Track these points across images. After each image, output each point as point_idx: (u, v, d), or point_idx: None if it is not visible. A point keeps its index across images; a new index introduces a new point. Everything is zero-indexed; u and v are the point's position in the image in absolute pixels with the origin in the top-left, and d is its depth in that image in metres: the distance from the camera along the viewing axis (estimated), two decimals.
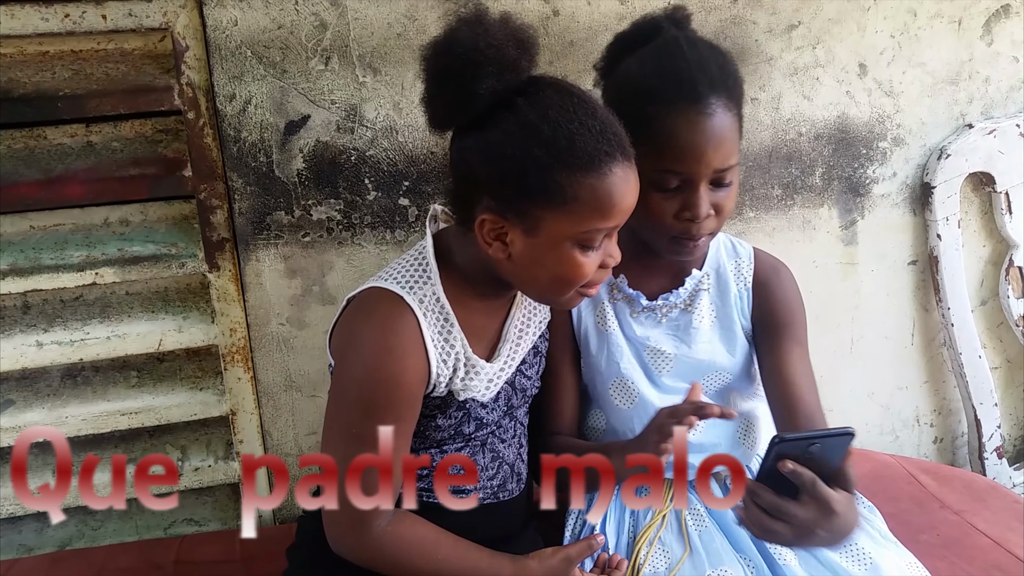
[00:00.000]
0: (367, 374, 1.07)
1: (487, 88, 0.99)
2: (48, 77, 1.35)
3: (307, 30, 1.39)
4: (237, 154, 1.42)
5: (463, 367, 1.13)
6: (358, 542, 1.11)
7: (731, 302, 1.31)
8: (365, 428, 1.05)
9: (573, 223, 1.02)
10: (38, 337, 1.45)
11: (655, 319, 1.32)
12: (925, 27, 1.67)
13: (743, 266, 1.33)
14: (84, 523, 1.57)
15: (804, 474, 0.98)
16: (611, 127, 1.03)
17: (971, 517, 1.50)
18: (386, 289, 1.09)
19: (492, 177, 1.03)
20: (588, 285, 1.10)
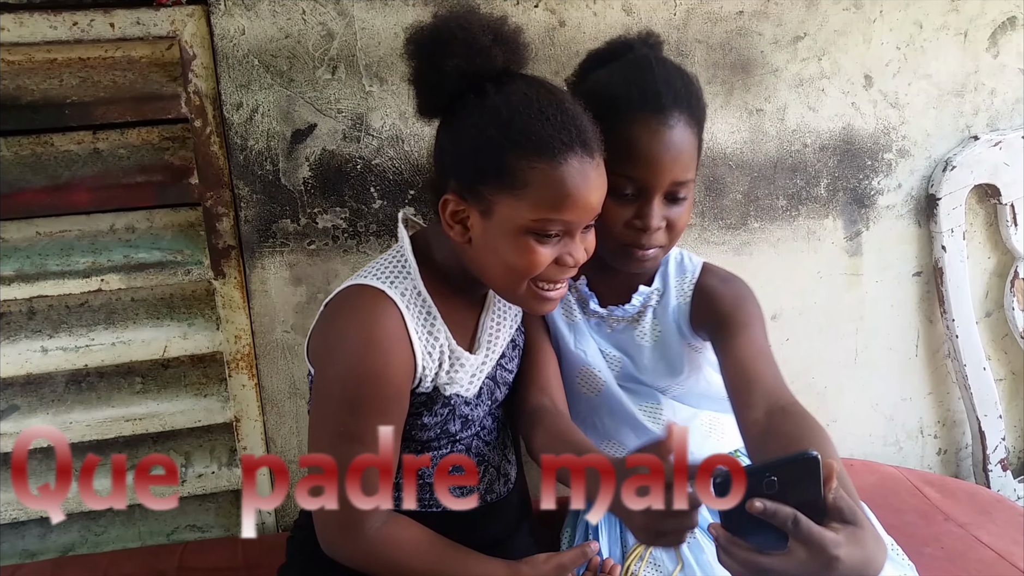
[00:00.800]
0: (352, 370, 1.06)
1: (455, 68, 1.03)
2: (56, 84, 1.36)
3: (314, 39, 1.39)
4: (243, 162, 1.42)
5: (447, 359, 1.14)
6: (351, 544, 1.10)
7: (670, 318, 1.32)
8: (354, 425, 1.05)
9: (524, 209, 1.03)
10: (43, 343, 1.46)
11: (603, 327, 1.35)
12: (931, 39, 1.67)
13: (686, 280, 1.33)
14: (87, 529, 1.57)
15: (780, 512, 0.80)
16: (577, 122, 1.03)
17: (975, 530, 1.50)
18: (366, 285, 1.10)
19: (454, 160, 1.07)
20: (543, 280, 1.09)
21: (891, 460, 1.86)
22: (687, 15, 1.53)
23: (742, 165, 1.63)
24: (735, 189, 1.64)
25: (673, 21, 1.52)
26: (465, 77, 1.03)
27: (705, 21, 1.54)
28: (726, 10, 1.55)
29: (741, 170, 1.64)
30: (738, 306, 1.26)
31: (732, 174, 1.63)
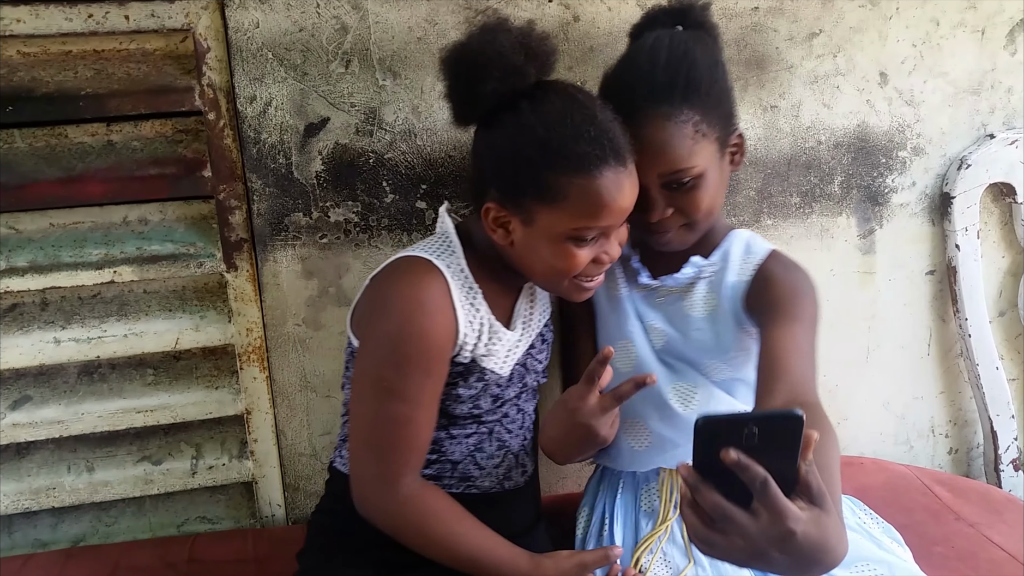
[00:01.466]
0: (399, 328, 1.12)
1: (490, 91, 1.09)
2: (70, 76, 1.36)
3: (328, 33, 1.39)
4: (256, 155, 1.42)
5: (487, 332, 1.20)
6: (384, 500, 1.15)
7: (724, 292, 1.29)
8: (397, 382, 1.12)
9: (564, 220, 1.10)
10: (56, 334, 1.46)
11: (652, 300, 1.35)
12: (948, 36, 1.65)
13: (751, 261, 1.30)
14: (98, 520, 1.58)
15: (752, 469, 0.76)
16: (608, 133, 1.09)
17: (986, 530, 1.49)
18: (415, 256, 1.17)
19: (494, 171, 1.14)
20: (583, 277, 1.17)
21: (902, 459, 1.85)
22: None
23: (755, 162, 1.62)
24: (748, 186, 1.63)
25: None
26: (501, 96, 1.10)
27: (720, 16, 1.52)
28: (741, 6, 1.54)
29: (754, 167, 1.63)
30: (794, 298, 1.22)
31: (745, 171, 1.62)
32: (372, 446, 1.14)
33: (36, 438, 1.48)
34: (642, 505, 1.32)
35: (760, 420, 0.78)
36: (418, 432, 1.15)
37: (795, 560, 0.78)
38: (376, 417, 1.13)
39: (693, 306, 1.32)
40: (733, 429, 0.77)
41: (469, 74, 1.10)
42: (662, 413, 1.30)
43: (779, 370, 1.09)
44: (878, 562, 1.20)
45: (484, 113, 1.13)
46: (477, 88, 1.09)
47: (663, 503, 1.30)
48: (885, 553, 1.24)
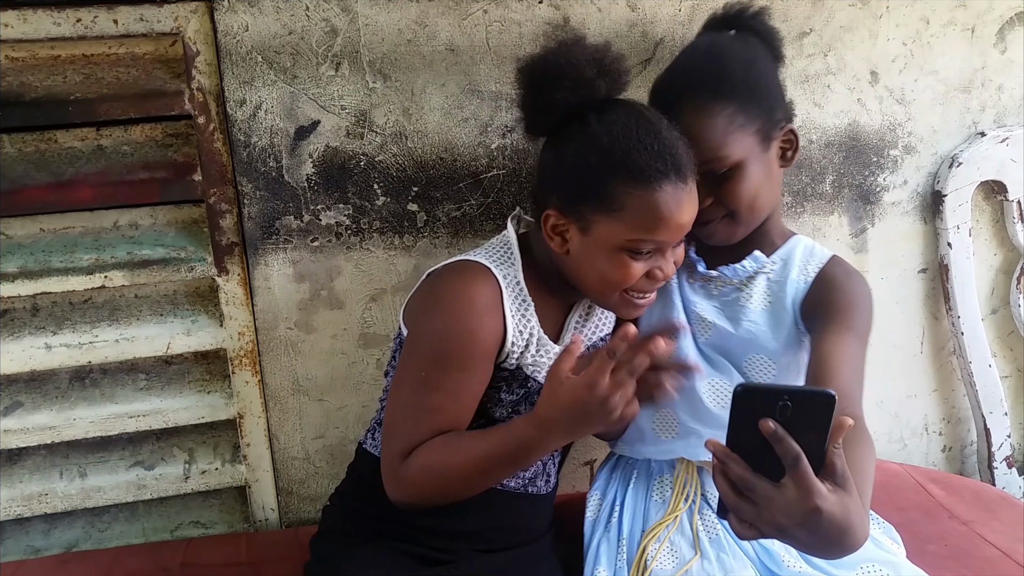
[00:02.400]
0: (446, 324, 1.15)
1: (562, 100, 1.14)
2: (59, 81, 1.35)
3: (318, 36, 1.39)
4: (247, 159, 1.42)
5: (535, 343, 1.22)
6: (398, 473, 1.15)
7: (787, 290, 1.31)
8: (435, 376, 1.14)
9: (621, 230, 1.12)
10: (47, 339, 1.46)
11: (707, 291, 1.36)
12: (938, 35, 1.66)
13: (813, 263, 1.32)
14: (91, 525, 1.57)
15: (786, 442, 0.81)
16: (671, 149, 1.12)
17: (980, 528, 1.49)
18: (474, 260, 1.20)
19: (557, 178, 1.18)
20: (636, 291, 1.18)
21: (896, 457, 1.85)
22: (692, 11, 1.52)
23: None
24: None
25: (678, 17, 1.51)
26: (570, 107, 1.14)
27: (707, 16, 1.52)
28: None
29: None
30: (851, 307, 1.24)
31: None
32: (400, 431, 1.16)
33: (28, 444, 1.47)
34: (654, 495, 1.33)
35: (794, 394, 0.82)
36: (448, 423, 1.16)
37: (818, 537, 0.82)
38: (410, 406, 1.16)
39: (751, 298, 1.32)
40: (769, 400, 0.82)
41: (542, 84, 1.15)
42: (693, 406, 1.32)
43: (826, 377, 1.12)
44: (883, 563, 1.20)
45: (554, 123, 1.17)
46: (549, 97, 1.14)
47: (675, 494, 1.31)
48: (887, 554, 1.24)
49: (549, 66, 1.15)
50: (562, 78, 1.13)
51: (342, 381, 1.55)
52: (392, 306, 1.53)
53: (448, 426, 1.15)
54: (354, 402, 1.57)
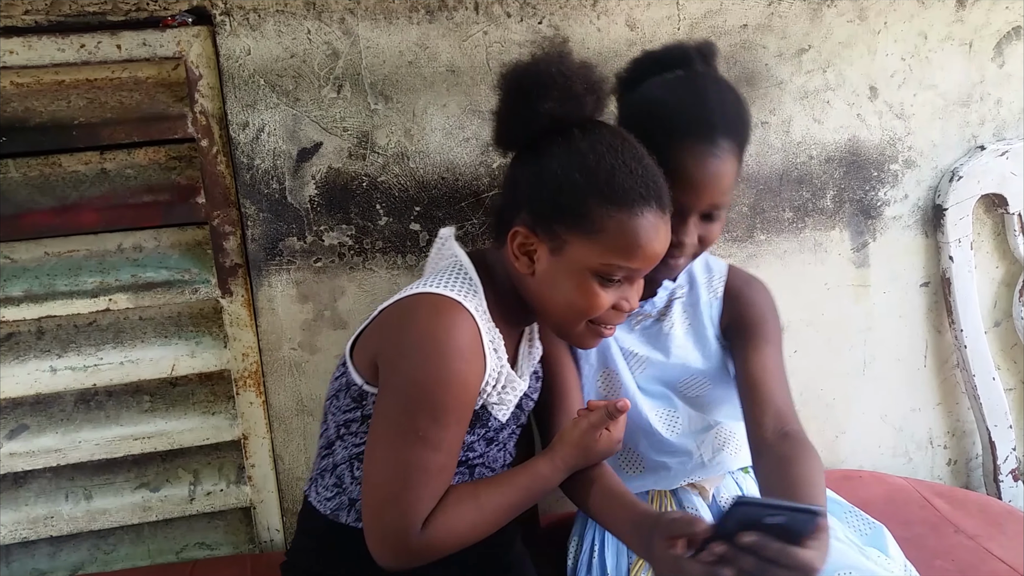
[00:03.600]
0: (436, 375, 1.05)
1: (548, 110, 1.07)
2: (63, 106, 1.36)
3: (319, 59, 1.40)
4: (250, 181, 1.42)
5: (503, 379, 1.15)
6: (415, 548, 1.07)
7: (702, 309, 1.36)
8: (432, 431, 1.05)
9: (595, 253, 1.07)
10: (52, 363, 1.46)
11: (628, 326, 1.36)
12: (936, 49, 1.66)
13: (715, 278, 1.38)
14: (96, 547, 1.57)
15: (770, 548, 0.89)
16: (654, 177, 1.08)
17: (986, 542, 1.49)
18: (442, 295, 1.09)
19: (532, 193, 1.10)
20: (600, 323, 1.13)
21: (900, 471, 1.85)
22: (691, 29, 1.53)
23: (748, 178, 1.63)
24: (741, 201, 1.64)
25: (677, 35, 1.52)
26: (555, 120, 1.08)
27: (708, 35, 1.54)
28: (730, 24, 1.55)
29: (747, 183, 1.63)
30: (766, 318, 1.33)
31: (738, 187, 1.63)
32: (399, 498, 1.06)
33: (33, 467, 1.48)
34: None
35: (790, 510, 0.89)
36: (445, 480, 1.09)
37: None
38: (406, 466, 1.05)
39: (672, 325, 1.36)
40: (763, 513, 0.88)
41: (530, 92, 1.07)
42: (651, 440, 1.35)
43: (765, 399, 1.23)
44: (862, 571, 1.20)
45: (533, 135, 1.10)
46: (535, 106, 1.07)
47: None
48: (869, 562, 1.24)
49: (540, 74, 1.08)
50: (551, 88, 1.06)
51: None
52: None
53: (447, 484, 1.10)
54: None
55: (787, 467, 1.14)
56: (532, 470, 1.17)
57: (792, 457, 1.16)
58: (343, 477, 1.18)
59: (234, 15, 1.35)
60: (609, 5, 1.49)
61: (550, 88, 1.06)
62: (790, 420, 1.22)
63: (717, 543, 0.90)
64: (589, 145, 1.07)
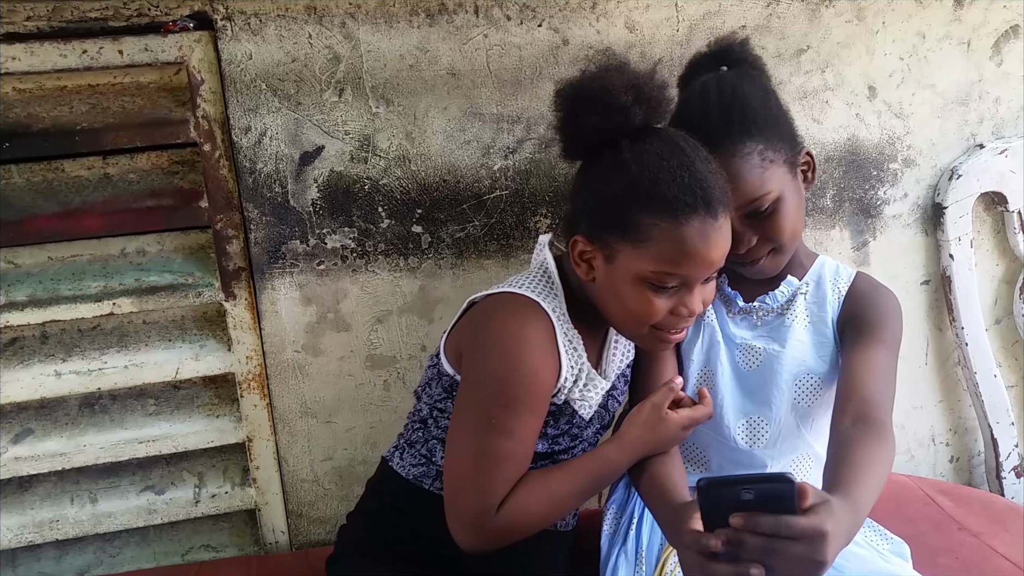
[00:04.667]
0: (509, 368, 1.12)
1: (593, 126, 1.10)
2: (66, 111, 1.37)
3: (321, 63, 1.40)
4: (252, 185, 1.43)
5: (584, 378, 1.21)
6: (489, 531, 1.13)
7: (825, 307, 1.33)
8: (505, 419, 1.12)
9: (643, 262, 1.10)
10: (56, 367, 1.47)
11: (751, 322, 1.35)
12: (934, 49, 1.67)
13: (841, 280, 1.36)
14: (102, 550, 1.58)
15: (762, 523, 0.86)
16: (703, 183, 1.08)
17: (990, 539, 1.49)
18: (522, 295, 1.16)
19: (584, 205, 1.16)
20: (663, 328, 1.16)
21: (903, 469, 1.85)
22: (690, 31, 1.54)
23: None
24: None
25: (676, 37, 1.53)
26: (603, 133, 1.11)
27: (708, 36, 1.54)
28: (728, 25, 1.56)
29: None
30: (885, 321, 1.29)
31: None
32: (475, 482, 1.12)
33: (39, 471, 1.48)
34: None
35: (757, 482, 0.88)
36: (520, 468, 1.15)
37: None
38: (481, 453, 1.12)
39: (795, 319, 1.33)
40: (732, 492, 0.87)
41: (575, 108, 1.12)
42: (724, 447, 1.32)
43: (857, 389, 1.16)
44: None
45: (586, 148, 1.15)
46: (581, 121, 1.11)
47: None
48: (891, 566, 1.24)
49: (583, 90, 1.12)
50: (595, 103, 1.09)
51: (350, 403, 1.56)
52: (398, 327, 1.55)
53: (521, 470, 1.15)
54: (362, 423, 1.58)
55: (846, 447, 1.08)
56: (599, 454, 1.21)
57: (857, 439, 1.09)
58: (434, 451, 1.25)
59: (235, 20, 1.36)
60: (608, 7, 1.49)
61: (593, 103, 1.10)
62: (877, 410, 1.14)
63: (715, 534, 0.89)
64: (635, 156, 1.09)
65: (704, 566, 0.91)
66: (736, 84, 1.25)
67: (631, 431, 1.20)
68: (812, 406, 1.31)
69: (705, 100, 1.24)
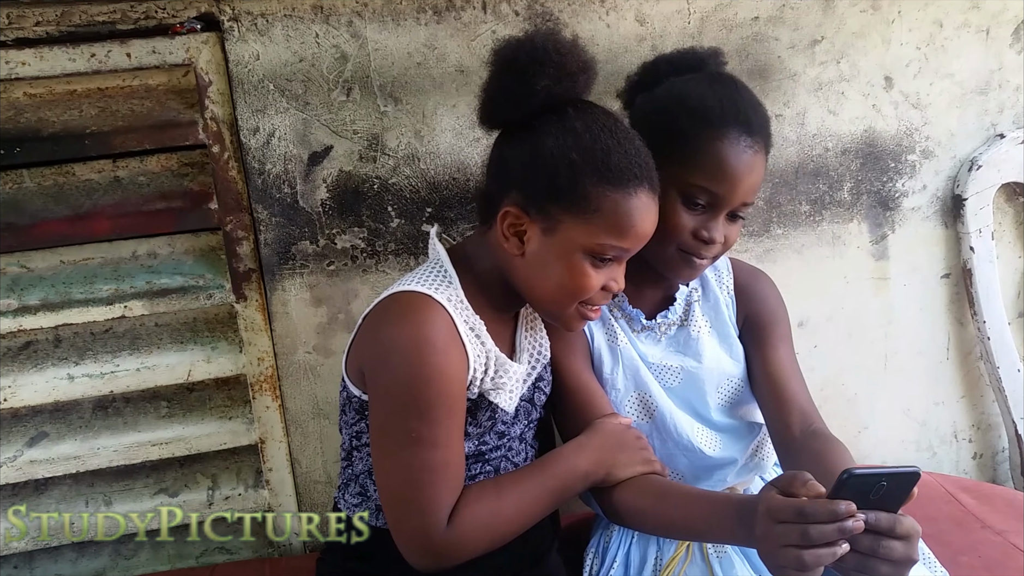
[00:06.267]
0: (414, 373, 1.05)
1: (544, 87, 1.05)
2: (76, 115, 1.37)
3: (328, 62, 1.40)
4: (262, 186, 1.43)
5: (493, 365, 1.14)
6: (442, 545, 1.07)
7: (721, 309, 1.35)
8: (424, 430, 1.05)
9: (589, 233, 1.06)
10: (69, 370, 1.47)
11: (654, 337, 1.34)
12: (952, 37, 1.64)
13: (723, 275, 1.38)
14: (118, 553, 1.58)
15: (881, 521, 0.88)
16: (645, 157, 1.08)
17: (1014, 537, 1.46)
18: (412, 291, 1.09)
19: (525, 173, 1.08)
20: (589, 304, 1.13)
21: (925, 466, 1.82)
22: (701, 23, 1.52)
23: None
24: (757, 196, 1.62)
25: (688, 30, 1.51)
26: (550, 98, 1.07)
27: (720, 28, 1.52)
28: (741, 16, 1.53)
29: None
30: (778, 315, 1.35)
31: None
32: (414, 500, 1.06)
33: (54, 474, 1.49)
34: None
35: (892, 475, 0.88)
36: (456, 472, 1.10)
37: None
38: (412, 470, 1.06)
39: (699, 329, 1.34)
40: (871, 481, 0.87)
41: (526, 68, 1.05)
42: (692, 457, 1.31)
43: (789, 399, 1.25)
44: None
45: (526, 114, 1.08)
46: (531, 83, 1.05)
47: None
48: None
49: (536, 50, 1.05)
50: (547, 64, 1.05)
51: None
52: None
53: (460, 475, 1.10)
54: None
55: (822, 459, 1.14)
56: (555, 453, 1.17)
57: (825, 451, 1.16)
58: (366, 486, 1.20)
59: (242, 21, 1.36)
60: (618, 1, 1.47)
61: (545, 65, 1.05)
62: (815, 418, 1.23)
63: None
64: (584, 124, 1.06)
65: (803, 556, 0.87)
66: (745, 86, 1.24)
67: (592, 436, 1.17)
68: (739, 401, 1.34)
69: (732, 90, 1.21)
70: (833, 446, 1.17)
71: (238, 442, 1.53)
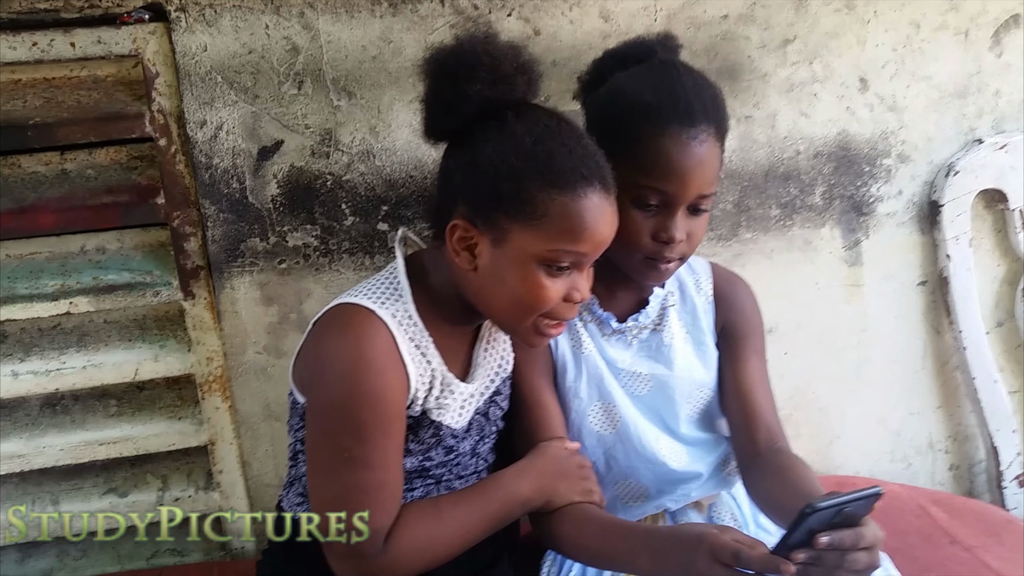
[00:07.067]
0: (349, 392, 1.03)
1: (478, 93, 1.01)
2: (19, 106, 1.34)
3: (279, 54, 1.36)
4: (209, 181, 1.39)
5: (439, 384, 1.11)
6: (377, 566, 1.05)
7: (699, 315, 1.31)
8: (359, 450, 1.03)
9: (539, 240, 1.02)
10: (14, 367, 1.44)
11: (625, 341, 1.29)
12: (929, 39, 1.60)
13: (702, 279, 1.33)
14: (65, 553, 1.55)
15: (845, 539, 0.90)
16: (595, 157, 1.04)
17: (983, 554, 1.42)
18: (356, 304, 1.07)
19: (467, 183, 1.04)
20: (550, 317, 1.08)
21: (900, 477, 1.78)
22: (668, 21, 1.48)
23: (731, 174, 1.57)
24: (725, 199, 1.58)
25: (653, 27, 1.47)
26: (487, 103, 1.03)
27: (687, 27, 1.48)
28: (709, 14, 1.49)
29: (730, 179, 1.58)
30: (755, 327, 1.32)
31: (721, 183, 1.56)
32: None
33: None
34: None
35: (854, 500, 0.89)
36: (392, 493, 1.07)
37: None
38: (344, 488, 1.04)
39: (672, 335, 1.29)
40: (832, 511, 0.88)
41: (457, 74, 1.02)
42: (655, 469, 1.27)
43: (755, 415, 1.24)
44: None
45: (464, 122, 1.05)
46: (463, 90, 1.02)
47: None
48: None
49: (465, 55, 1.02)
50: (479, 69, 1.01)
51: None
52: None
53: (396, 494, 1.07)
54: None
55: (785, 474, 1.15)
56: (495, 477, 1.15)
57: (788, 466, 1.16)
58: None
59: (190, 11, 1.32)
60: None
61: (477, 69, 1.01)
62: (779, 437, 1.23)
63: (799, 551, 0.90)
64: (525, 127, 1.02)
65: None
66: (699, 71, 1.19)
67: (534, 460, 1.15)
68: (710, 413, 1.31)
69: (673, 80, 1.16)
70: (796, 464, 1.17)
71: (187, 443, 1.50)
